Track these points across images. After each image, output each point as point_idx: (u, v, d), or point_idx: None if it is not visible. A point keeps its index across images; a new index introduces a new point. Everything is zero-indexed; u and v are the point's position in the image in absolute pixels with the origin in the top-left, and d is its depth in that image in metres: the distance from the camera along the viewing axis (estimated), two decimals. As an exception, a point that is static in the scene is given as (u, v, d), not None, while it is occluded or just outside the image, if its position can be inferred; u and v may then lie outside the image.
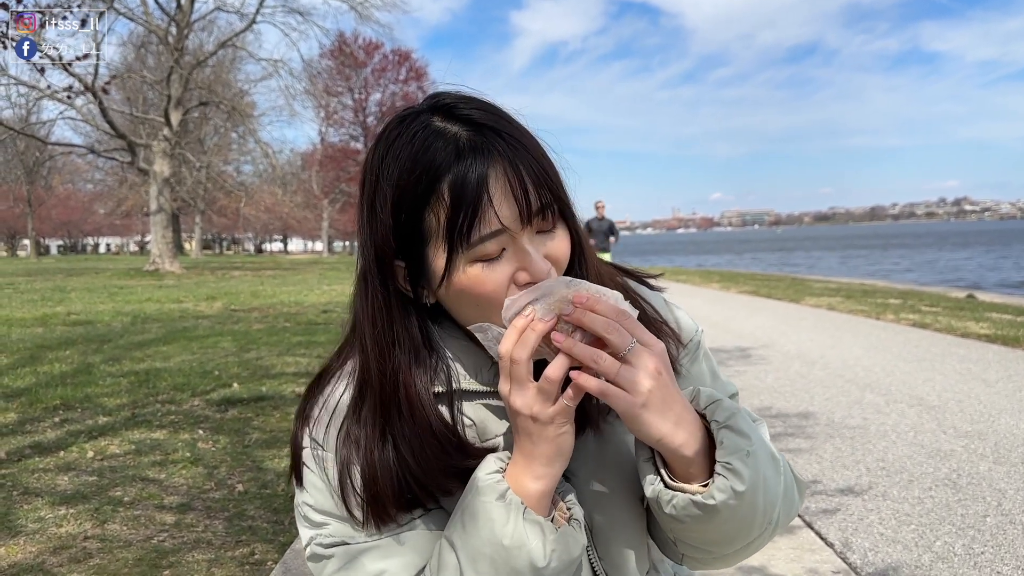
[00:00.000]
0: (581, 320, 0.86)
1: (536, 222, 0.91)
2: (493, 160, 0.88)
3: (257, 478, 4.44)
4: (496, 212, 0.87)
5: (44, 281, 22.92)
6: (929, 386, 6.90)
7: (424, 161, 0.89)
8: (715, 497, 0.88)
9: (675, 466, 0.92)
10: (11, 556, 3.38)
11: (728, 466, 0.89)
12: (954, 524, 3.79)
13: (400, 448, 0.95)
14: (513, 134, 0.91)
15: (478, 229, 0.87)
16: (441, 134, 0.90)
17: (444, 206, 0.88)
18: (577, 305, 0.86)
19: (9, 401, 6.32)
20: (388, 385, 0.95)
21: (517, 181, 0.88)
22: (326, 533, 0.99)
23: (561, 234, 0.95)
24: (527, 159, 0.90)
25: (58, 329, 11.25)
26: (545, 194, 0.90)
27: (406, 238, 0.92)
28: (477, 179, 0.87)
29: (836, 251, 60.11)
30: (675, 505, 0.91)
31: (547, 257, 0.92)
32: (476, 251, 0.89)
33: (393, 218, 0.92)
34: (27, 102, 29.26)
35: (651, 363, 0.86)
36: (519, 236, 0.90)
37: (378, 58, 49.88)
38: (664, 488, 0.92)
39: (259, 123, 36.64)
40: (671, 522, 0.94)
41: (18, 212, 57.62)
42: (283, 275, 27.18)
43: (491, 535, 0.88)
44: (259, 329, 11.17)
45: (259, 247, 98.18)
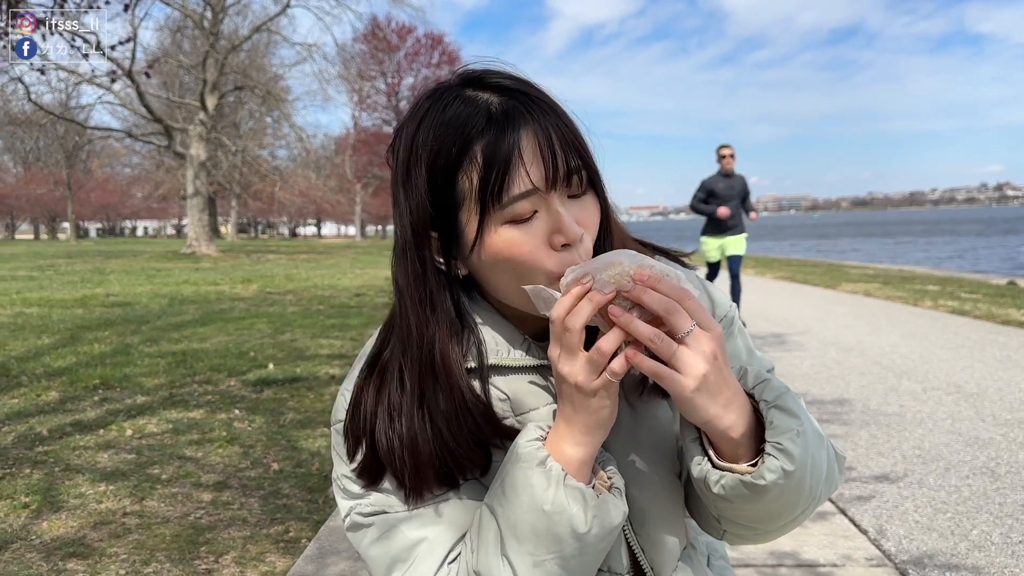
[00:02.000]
0: (641, 297, 0.85)
1: (565, 188, 0.92)
2: (524, 123, 0.90)
3: (292, 457, 4.50)
4: (527, 172, 0.89)
5: (83, 263, 23.34)
6: (968, 373, 6.79)
7: (457, 126, 0.91)
8: (765, 477, 0.89)
9: (721, 446, 0.92)
10: (53, 530, 3.47)
11: (779, 446, 0.89)
12: (992, 513, 3.74)
13: (436, 419, 0.96)
14: (542, 99, 0.93)
15: (509, 189, 0.89)
16: (472, 101, 0.92)
17: (477, 168, 0.90)
18: (639, 281, 0.85)
19: (50, 380, 6.45)
20: (426, 355, 0.96)
21: (547, 143, 0.90)
22: (366, 503, 1.01)
23: (591, 202, 0.96)
24: (556, 123, 0.91)
25: (97, 310, 11.45)
26: (574, 158, 0.92)
27: (440, 205, 0.94)
28: (509, 141, 0.89)
29: (876, 238, 59.18)
30: (723, 485, 0.91)
31: (580, 224, 0.93)
32: (508, 211, 0.90)
33: (428, 185, 0.93)
34: (66, 87, 29.78)
35: (708, 346, 0.85)
36: (550, 197, 0.91)
37: (411, 42, 49.87)
38: (712, 468, 0.92)
39: (293, 107, 36.99)
40: (718, 501, 0.94)
41: (58, 196, 58.59)
42: (317, 259, 27.41)
43: (531, 501, 0.89)
44: (294, 312, 11.28)
45: (293, 231, 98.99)
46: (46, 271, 19.93)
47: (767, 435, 0.90)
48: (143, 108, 26.65)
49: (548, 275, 0.92)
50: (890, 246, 43.98)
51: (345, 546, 3.29)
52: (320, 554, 3.25)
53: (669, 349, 0.84)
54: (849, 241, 54.70)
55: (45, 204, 62.18)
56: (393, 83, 50.48)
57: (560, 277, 0.90)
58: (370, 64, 49.15)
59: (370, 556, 1.01)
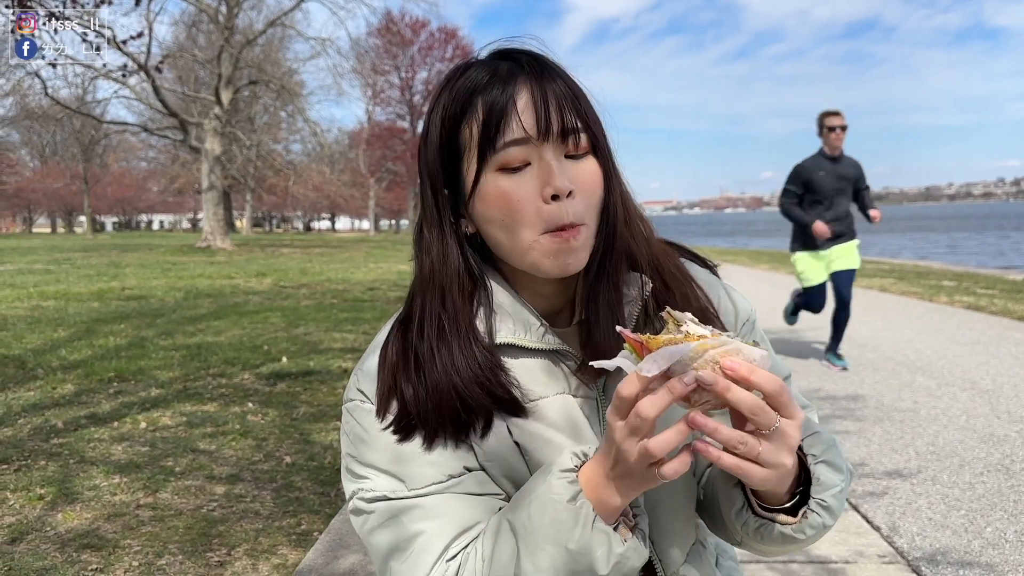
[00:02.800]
0: (726, 397, 0.79)
1: (561, 144, 0.95)
2: (523, 80, 0.95)
3: (305, 450, 4.52)
4: (521, 120, 0.93)
5: (100, 257, 23.50)
6: (983, 370, 6.74)
7: (467, 85, 0.97)
8: (806, 532, 0.92)
9: (763, 495, 0.95)
10: (68, 522, 3.50)
11: (823, 503, 0.92)
12: (1006, 510, 3.71)
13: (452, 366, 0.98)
14: (550, 66, 0.98)
15: (503, 135, 0.93)
16: (486, 64, 0.99)
17: (477, 118, 0.95)
18: (727, 372, 0.79)
19: (66, 373, 6.50)
20: (448, 306, 1.01)
21: (542, 99, 0.94)
22: (368, 487, 1.01)
23: (591, 166, 0.98)
24: (558, 85, 0.96)
25: (113, 304, 11.53)
26: (571, 118, 0.95)
27: (448, 157, 0.99)
28: (506, 93, 0.94)
29: (895, 233, 58.70)
30: (762, 532, 0.95)
31: (573, 182, 0.95)
32: (501, 157, 0.94)
33: (439, 139, 0.99)
34: (83, 82, 29.89)
35: (792, 439, 0.82)
36: (543, 149, 0.94)
37: (424, 36, 49.90)
38: (753, 516, 0.95)
39: (308, 102, 37.00)
40: (751, 540, 0.99)
41: (75, 189, 58.99)
42: (330, 253, 27.48)
43: (556, 535, 0.88)
44: (307, 305, 11.32)
45: (307, 225, 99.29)
46: (63, 264, 20.09)
47: (813, 491, 0.92)
48: (158, 103, 26.77)
49: (534, 226, 0.94)
50: (909, 241, 43.61)
51: (356, 539, 3.30)
52: (332, 547, 3.26)
53: (753, 451, 0.81)
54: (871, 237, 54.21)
55: (62, 198, 62.61)
56: (407, 77, 50.55)
57: (548, 231, 0.94)
58: (384, 58, 49.23)
59: (370, 542, 1.02)
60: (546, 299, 1.06)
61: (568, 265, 0.96)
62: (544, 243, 0.95)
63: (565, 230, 0.94)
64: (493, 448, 1.01)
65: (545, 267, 0.96)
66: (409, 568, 0.97)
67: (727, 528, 1.04)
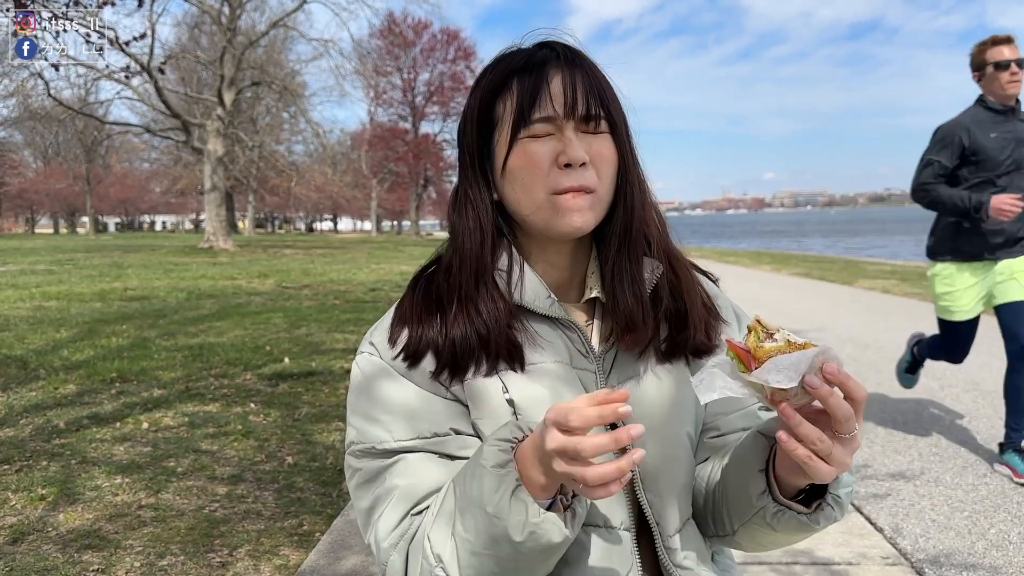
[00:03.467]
0: (828, 400, 0.86)
1: (583, 124, 1.07)
2: (556, 67, 1.08)
3: (306, 451, 4.51)
4: (551, 100, 1.05)
5: (102, 257, 23.51)
6: (985, 371, 6.73)
7: (506, 67, 1.10)
8: (820, 523, 1.00)
9: (782, 484, 1.02)
10: (69, 522, 3.49)
11: (837, 499, 1.00)
12: (1010, 512, 3.70)
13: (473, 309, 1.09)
14: (582, 57, 1.10)
15: (534, 112, 1.06)
16: (526, 51, 1.12)
17: (512, 95, 1.08)
18: (828, 377, 0.86)
19: (68, 373, 6.50)
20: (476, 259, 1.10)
21: (570, 85, 1.06)
22: (358, 439, 1.10)
23: (607, 145, 1.09)
24: (586, 76, 1.08)
25: (115, 304, 11.53)
26: (595, 105, 1.07)
27: (482, 128, 1.11)
28: (540, 76, 1.07)
29: (896, 235, 58.57)
30: (779, 518, 1.01)
31: (588, 154, 1.06)
32: (530, 129, 1.06)
33: (477, 112, 1.12)
34: (85, 82, 29.96)
35: (858, 444, 0.91)
36: (566, 126, 1.06)
37: (427, 38, 49.90)
38: (772, 502, 1.02)
39: (310, 103, 37.08)
40: (764, 527, 1.04)
41: (77, 190, 59.05)
42: (333, 254, 27.49)
43: (480, 498, 0.93)
44: (309, 306, 11.33)
45: (310, 226, 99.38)
46: (65, 265, 20.10)
47: (830, 486, 1.00)
48: (161, 104, 26.80)
49: (546, 186, 1.06)
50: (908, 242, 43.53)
51: (358, 540, 3.30)
52: (333, 548, 3.26)
53: (827, 450, 0.88)
54: (880, 238, 54.09)
55: (64, 198, 62.68)
56: (409, 78, 50.58)
57: (556, 192, 1.05)
58: (386, 60, 49.26)
59: (356, 495, 1.10)
60: (557, 271, 1.15)
61: (573, 222, 1.06)
62: (553, 201, 1.06)
63: (572, 191, 1.05)
64: (487, 404, 1.07)
65: (553, 223, 1.07)
66: (383, 521, 1.04)
67: (723, 516, 1.11)
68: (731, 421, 1.20)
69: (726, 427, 1.20)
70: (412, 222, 55.36)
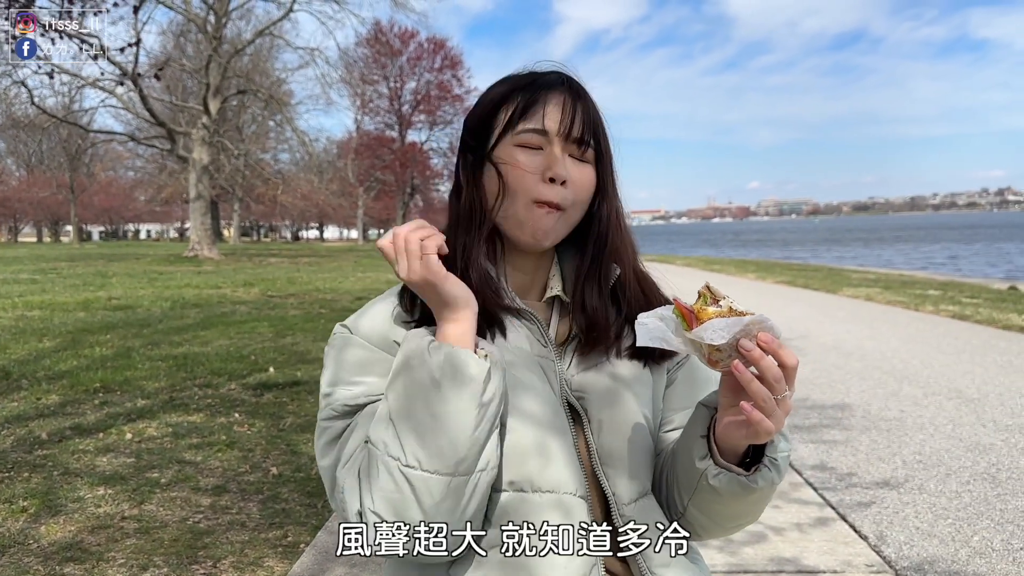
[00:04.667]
0: (760, 362, 0.97)
1: (572, 148, 1.15)
2: (561, 91, 1.16)
3: (291, 461, 4.49)
4: (545, 117, 1.14)
5: (86, 266, 23.35)
6: (968, 379, 6.78)
7: (513, 82, 1.19)
8: (758, 483, 1.07)
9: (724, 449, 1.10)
10: (51, 535, 3.46)
11: (774, 462, 1.08)
12: (992, 519, 3.73)
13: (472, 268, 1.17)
14: (585, 92, 1.18)
15: (528, 122, 1.14)
16: (536, 73, 1.20)
17: (513, 105, 1.16)
18: (762, 344, 0.97)
19: (51, 384, 6.45)
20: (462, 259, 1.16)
21: (570, 110, 1.15)
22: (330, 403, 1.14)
23: (589, 172, 1.17)
24: (585, 107, 1.16)
25: (99, 314, 11.45)
26: (588, 134, 1.15)
27: (482, 131, 1.19)
28: (542, 94, 1.16)
29: (877, 245, 58.83)
30: (720, 479, 1.08)
31: (570, 178, 1.14)
32: (520, 137, 1.14)
33: (481, 115, 1.20)
34: (69, 90, 29.82)
35: (790, 406, 1.01)
36: (555, 143, 1.14)
37: (413, 46, 49.87)
38: (713, 464, 1.09)
39: (296, 111, 37.00)
40: (708, 492, 1.11)
41: (61, 199, 58.59)
42: (319, 262, 27.42)
43: (401, 361, 1.04)
44: (295, 315, 11.29)
45: (296, 234, 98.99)
46: (48, 274, 19.95)
47: (767, 450, 1.09)
48: (146, 112, 26.69)
49: (528, 194, 1.13)
50: (895, 253, 43.78)
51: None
52: (318, 559, 3.24)
53: (771, 409, 0.98)
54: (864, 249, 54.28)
55: (48, 207, 62.19)
56: (395, 87, 50.56)
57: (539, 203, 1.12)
58: (373, 68, 49.23)
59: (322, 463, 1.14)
60: (521, 273, 1.23)
61: (539, 237, 1.14)
62: (530, 210, 1.13)
63: (548, 205, 1.13)
64: None
65: (521, 232, 1.15)
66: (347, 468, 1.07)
67: (675, 495, 1.19)
68: (683, 416, 1.28)
69: (679, 421, 1.28)
70: (399, 231, 55.10)
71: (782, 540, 3.44)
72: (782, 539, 3.45)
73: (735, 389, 1.05)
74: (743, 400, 1.00)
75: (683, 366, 1.31)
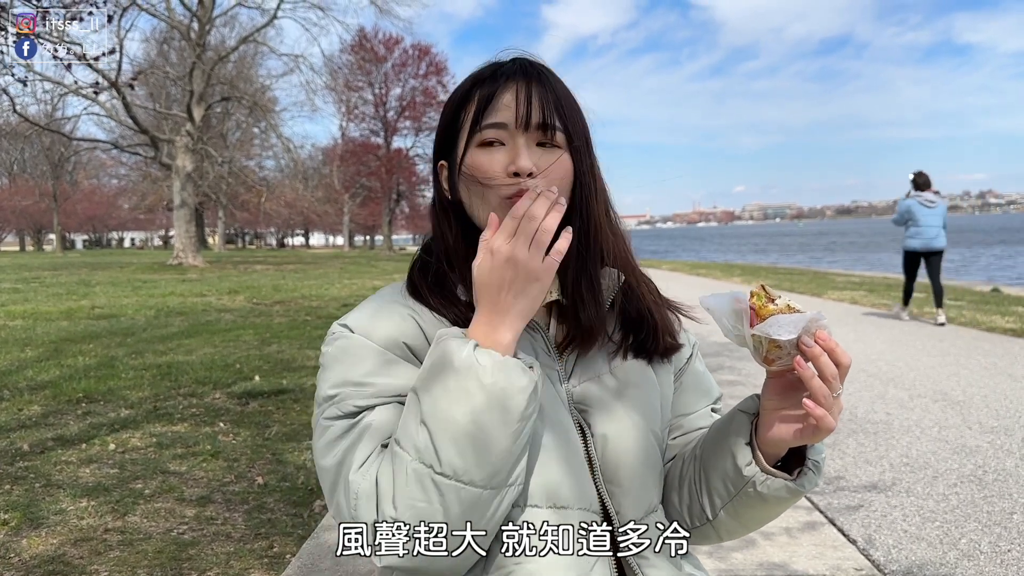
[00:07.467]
0: (818, 358, 0.98)
1: (538, 135, 1.10)
2: (516, 78, 1.11)
3: (277, 471, 4.45)
4: (503, 108, 1.09)
5: (69, 275, 23.16)
6: (954, 381, 6.81)
7: (472, 79, 1.15)
8: (804, 486, 1.09)
9: (766, 455, 1.10)
10: (33, 548, 3.41)
11: (816, 464, 1.10)
12: (980, 521, 3.73)
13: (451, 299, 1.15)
14: (545, 73, 1.13)
15: (487, 118, 1.10)
16: (495, 65, 1.16)
17: (473, 104, 1.12)
18: (820, 342, 0.99)
19: (33, 394, 6.38)
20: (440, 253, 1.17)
21: (526, 96, 1.09)
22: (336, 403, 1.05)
23: (560, 158, 1.11)
24: (545, 88, 1.11)
25: (82, 323, 11.36)
26: (550, 115, 1.09)
27: (449, 135, 1.16)
28: (497, 86, 1.11)
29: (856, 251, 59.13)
30: (768, 485, 1.09)
31: (539, 167, 1.09)
32: (481, 135, 1.10)
33: (446, 120, 1.16)
34: (52, 98, 29.61)
35: (841, 405, 1.03)
36: (516, 135, 1.09)
37: (398, 53, 49.78)
38: (760, 472, 1.09)
39: (280, 118, 36.82)
40: (754, 499, 1.11)
41: (44, 207, 58.13)
42: (304, 269, 27.31)
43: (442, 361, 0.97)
44: (281, 323, 11.22)
45: (281, 241, 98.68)
46: (31, 283, 19.77)
47: (810, 453, 1.11)
48: (129, 119, 26.53)
49: (496, 193, 1.09)
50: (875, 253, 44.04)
51: (329, 562, 3.25)
52: (304, 570, 3.21)
53: (829, 405, 1.00)
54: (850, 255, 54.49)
55: (31, 215, 61.72)
56: (380, 94, 50.45)
57: (506, 198, 1.07)
58: (357, 75, 49.10)
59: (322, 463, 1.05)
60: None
61: None
62: (506, 208, 1.06)
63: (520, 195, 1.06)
64: None
65: None
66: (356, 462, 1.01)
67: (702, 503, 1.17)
68: (691, 421, 1.29)
69: (687, 426, 1.28)
70: (385, 237, 55.14)
71: (771, 545, 3.43)
72: (771, 544, 3.44)
73: (782, 391, 1.06)
74: (790, 402, 1.03)
75: (688, 371, 1.30)
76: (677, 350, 1.26)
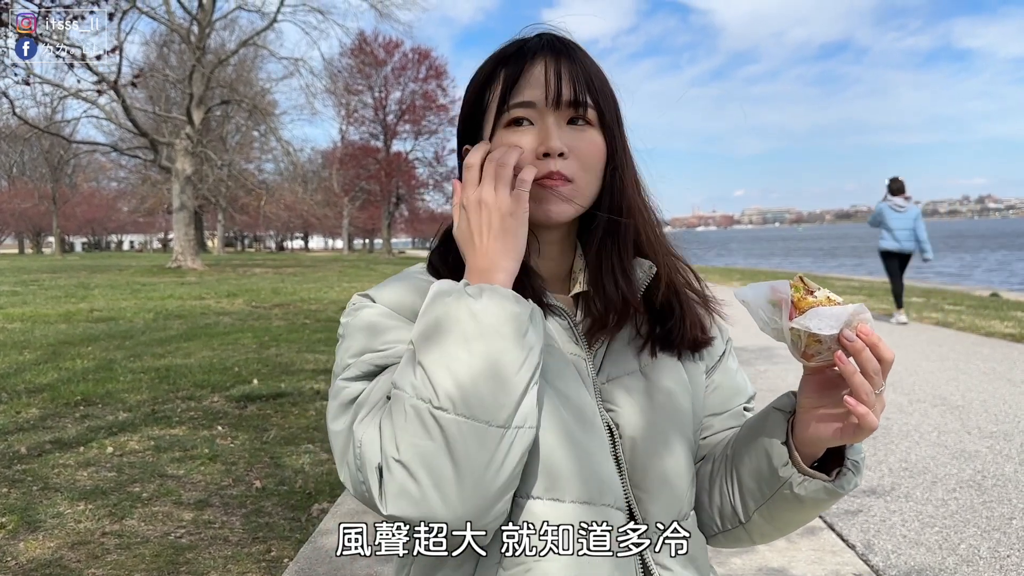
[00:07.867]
0: (860, 353, 0.94)
1: (569, 112, 1.06)
2: (543, 55, 1.07)
3: (275, 475, 4.45)
4: (530, 86, 1.06)
5: (68, 278, 23.14)
6: (953, 386, 6.80)
7: (496, 57, 1.11)
8: (844, 487, 1.05)
9: (803, 455, 1.06)
10: (30, 551, 3.40)
11: (856, 465, 1.06)
12: (979, 526, 3.73)
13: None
14: (573, 47, 1.10)
15: (514, 97, 1.06)
16: (520, 42, 1.11)
17: (499, 83, 1.08)
18: (862, 337, 0.94)
19: (31, 397, 6.37)
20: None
21: (555, 71, 1.05)
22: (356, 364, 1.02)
23: (593, 137, 1.08)
24: (574, 63, 1.07)
25: (81, 326, 11.35)
26: (581, 91, 1.06)
27: (474, 116, 1.12)
28: (524, 63, 1.07)
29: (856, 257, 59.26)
30: (806, 487, 1.05)
31: (570, 148, 1.05)
32: (509, 115, 1.06)
33: (471, 100, 1.12)
34: (51, 101, 29.61)
35: (883, 402, 0.98)
36: (545, 114, 1.05)
37: (398, 57, 49.89)
38: (797, 473, 1.05)
39: (280, 122, 36.89)
40: (791, 501, 1.07)
41: (43, 210, 58.10)
42: (304, 272, 27.29)
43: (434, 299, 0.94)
44: (279, 326, 11.22)
45: (280, 244, 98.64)
46: (30, 286, 19.76)
47: (849, 453, 1.06)
48: (129, 122, 26.54)
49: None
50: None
51: (327, 566, 3.24)
52: (302, 574, 3.20)
53: (871, 402, 0.95)
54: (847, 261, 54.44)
55: (30, 218, 61.68)
56: (380, 97, 50.52)
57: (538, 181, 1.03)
58: (357, 78, 49.17)
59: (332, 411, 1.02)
60: (544, 261, 1.14)
61: (550, 212, 1.06)
62: (535, 189, 1.03)
63: (551, 178, 1.04)
64: None
65: (539, 210, 1.05)
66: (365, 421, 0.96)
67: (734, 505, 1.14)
68: (722, 421, 1.24)
69: (719, 426, 1.24)
70: (384, 240, 55.16)
71: (770, 550, 3.42)
72: (770, 548, 3.44)
73: (820, 388, 1.02)
74: (829, 399, 1.00)
75: (720, 368, 1.26)
76: (708, 344, 1.21)
